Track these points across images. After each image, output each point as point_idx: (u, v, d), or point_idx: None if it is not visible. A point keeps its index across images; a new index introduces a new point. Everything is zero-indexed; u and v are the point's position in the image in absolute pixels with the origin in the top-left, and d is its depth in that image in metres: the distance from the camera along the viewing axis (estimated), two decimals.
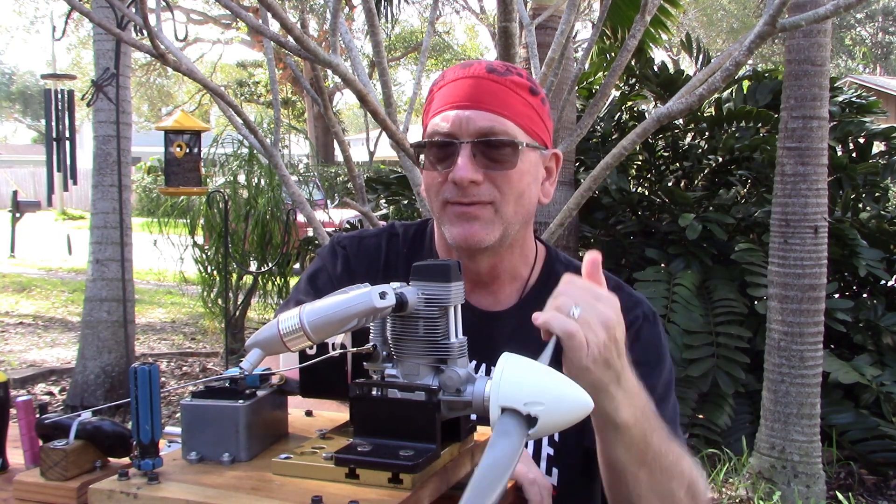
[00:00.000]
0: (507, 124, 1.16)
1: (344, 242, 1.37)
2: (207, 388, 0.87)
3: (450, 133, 1.16)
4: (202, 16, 21.74)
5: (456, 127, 1.16)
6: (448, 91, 1.19)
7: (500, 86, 1.17)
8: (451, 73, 1.21)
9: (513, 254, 1.26)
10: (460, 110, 1.16)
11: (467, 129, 1.15)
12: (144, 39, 2.77)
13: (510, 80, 1.18)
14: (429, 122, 1.21)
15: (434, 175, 1.19)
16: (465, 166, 1.14)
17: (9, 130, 54.34)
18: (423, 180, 1.25)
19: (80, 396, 5.17)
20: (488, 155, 1.16)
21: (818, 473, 3.81)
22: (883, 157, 5.56)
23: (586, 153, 5.53)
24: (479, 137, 1.15)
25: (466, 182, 1.15)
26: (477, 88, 1.17)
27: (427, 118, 1.23)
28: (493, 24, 19.46)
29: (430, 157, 1.20)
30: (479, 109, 1.16)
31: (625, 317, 1.23)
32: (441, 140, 1.17)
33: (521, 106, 1.18)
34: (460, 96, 1.17)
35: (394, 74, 28.20)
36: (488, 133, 1.15)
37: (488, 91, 1.16)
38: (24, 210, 14.82)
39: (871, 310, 4.75)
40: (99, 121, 5.22)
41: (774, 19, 1.92)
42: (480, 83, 1.17)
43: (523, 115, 1.18)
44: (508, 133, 1.16)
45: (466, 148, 1.15)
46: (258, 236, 6.37)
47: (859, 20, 30.51)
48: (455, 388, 0.83)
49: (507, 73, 1.19)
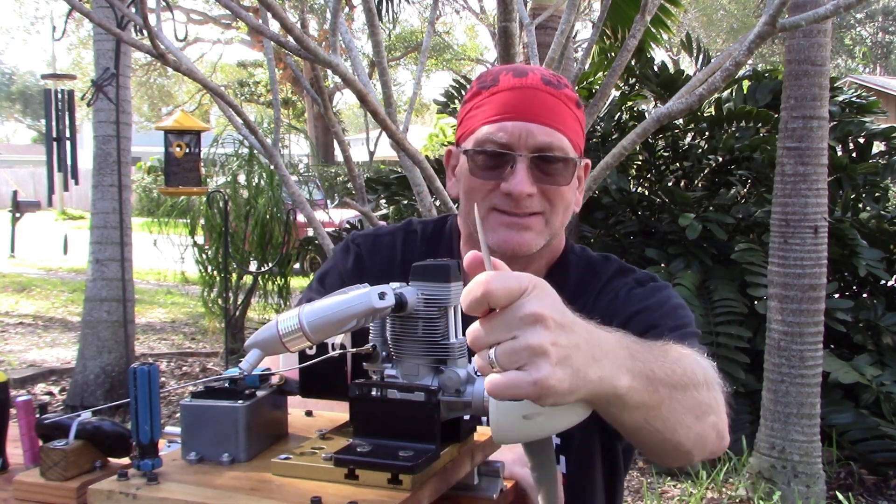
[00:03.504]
0: (562, 140, 1.17)
1: (358, 240, 1.37)
2: (207, 389, 0.87)
3: (507, 144, 1.16)
4: (202, 16, 21.75)
5: (514, 139, 1.16)
6: (504, 99, 1.18)
7: (556, 100, 1.18)
8: (505, 80, 1.20)
9: (543, 258, 1.28)
10: (518, 122, 1.16)
11: (526, 143, 1.16)
12: (144, 39, 2.77)
13: (564, 93, 1.19)
14: (478, 127, 1.20)
15: (482, 182, 1.19)
16: (523, 181, 1.15)
17: (9, 130, 54.39)
18: (460, 182, 1.25)
19: (80, 396, 5.17)
20: (544, 169, 1.17)
21: (818, 473, 3.81)
22: (883, 157, 5.57)
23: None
24: (538, 152, 1.16)
25: (524, 196, 1.16)
26: (535, 100, 1.17)
27: (473, 120, 1.21)
28: (493, 24, 19.45)
29: (479, 163, 1.19)
30: (537, 123, 1.16)
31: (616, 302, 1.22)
32: (498, 150, 1.17)
33: (571, 120, 1.20)
34: (518, 107, 1.17)
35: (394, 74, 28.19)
36: (546, 149, 1.16)
37: (546, 105, 1.17)
38: (24, 210, 14.82)
39: (871, 310, 4.75)
40: (99, 121, 5.22)
41: (774, 19, 1.92)
42: (538, 95, 1.17)
43: (573, 130, 1.20)
44: (564, 149, 1.17)
45: (524, 161, 1.16)
46: (258, 236, 6.37)
47: (859, 20, 30.51)
48: (455, 389, 0.83)
49: (560, 85, 1.19)
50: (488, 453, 0.94)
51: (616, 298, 1.24)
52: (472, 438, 0.91)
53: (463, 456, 0.88)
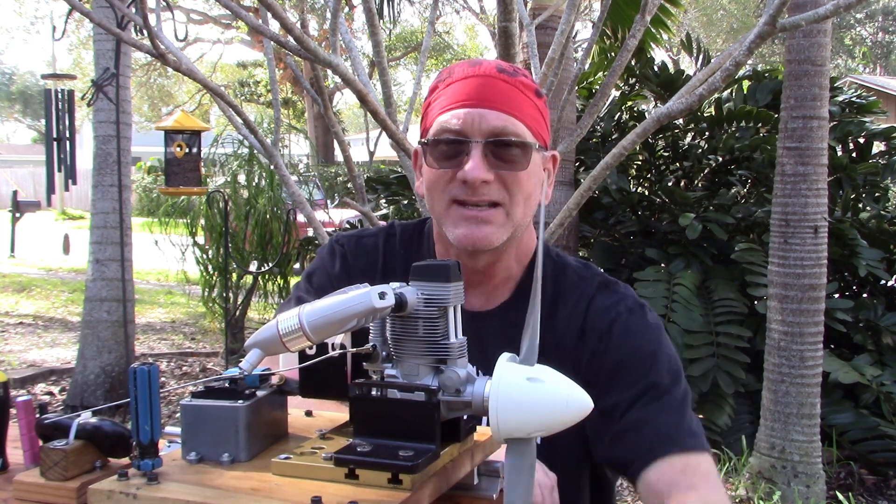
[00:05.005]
0: (518, 125, 1.15)
1: (342, 241, 1.37)
2: (207, 389, 0.87)
3: (461, 131, 1.15)
4: (202, 16, 21.74)
5: (468, 125, 1.15)
6: (457, 88, 1.17)
7: (511, 86, 1.16)
8: (460, 70, 1.20)
9: (510, 254, 1.26)
10: (472, 108, 1.15)
11: (479, 128, 1.14)
12: (144, 39, 2.77)
13: (519, 80, 1.18)
14: (435, 119, 1.19)
15: (440, 173, 1.18)
16: (477, 166, 1.13)
17: (9, 130, 54.39)
18: (424, 177, 1.23)
19: (80, 396, 5.17)
20: (500, 155, 1.15)
21: (818, 473, 3.81)
22: (883, 157, 5.56)
23: (586, 153, 5.53)
24: (492, 137, 1.15)
25: (479, 182, 1.14)
26: (488, 87, 1.15)
27: (431, 114, 1.21)
28: (493, 24, 19.45)
29: (436, 155, 1.18)
30: (491, 108, 1.15)
31: (597, 320, 1.22)
32: (452, 138, 1.16)
33: (528, 107, 1.18)
34: (471, 94, 1.16)
35: (394, 74, 28.21)
36: (501, 133, 1.15)
37: (500, 91, 1.16)
38: (24, 210, 14.82)
39: (871, 310, 4.75)
40: (99, 121, 5.22)
41: (774, 19, 1.92)
42: (491, 82, 1.16)
43: (531, 117, 1.18)
44: (519, 134, 1.15)
45: (478, 147, 1.14)
46: (258, 236, 6.37)
47: (859, 20, 30.51)
48: (455, 389, 0.83)
49: (516, 73, 1.18)
50: (488, 453, 0.94)
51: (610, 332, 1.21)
52: (472, 438, 0.91)
53: (463, 456, 0.88)
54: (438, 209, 1.21)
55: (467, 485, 0.91)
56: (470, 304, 1.26)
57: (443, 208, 1.19)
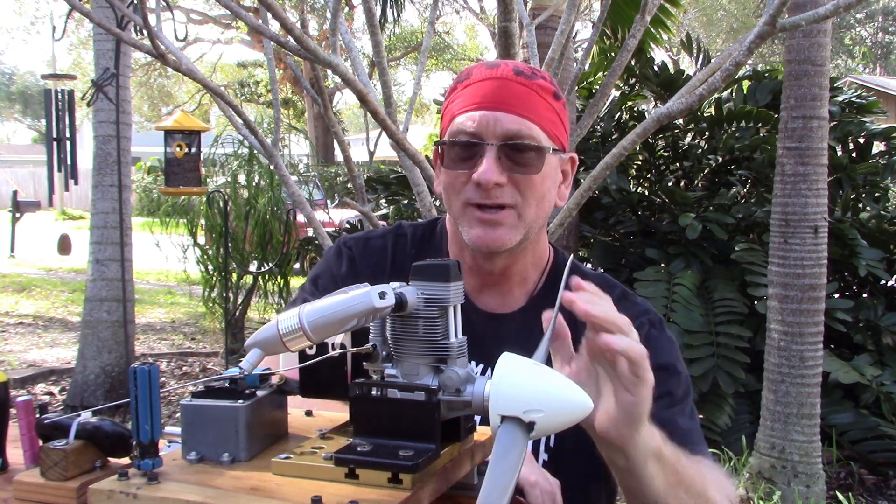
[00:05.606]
0: (533, 128, 1.16)
1: (350, 243, 1.37)
2: (207, 388, 0.87)
3: (476, 133, 1.15)
4: (202, 16, 21.74)
5: (483, 127, 1.15)
6: (474, 90, 1.18)
7: (527, 89, 1.17)
8: (478, 72, 1.20)
9: (526, 256, 1.27)
10: (487, 111, 1.15)
11: (494, 131, 1.15)
12: (144, 39, 2.77)
13: (536, 83, 1.18)
14: (452, 120, 1.19)
15: (455, 174, 1.19)
16: (490, 168, 1.14)
17: (9, 130, 54.38)
18: (441, 178, 1.24)
19: (80, 396, 5.17)
20: (513, 158, 1.15)
21: (818, 473, 3.81)
22: (883, 157, 5.57)
23: (586, 153, 5.53)
24: (506, 140, 1.15)
25: (491, 184, 1.14)
26: (504, 90, 1.16)
27: (449, 115, 1.21)
28: (493, 24, 19.45)
29: (451, 156, 1.19)
30: (506, 111, 1.15)
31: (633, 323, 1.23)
32: (467, 140, 1.16)
33: (545, 110, 1.18)
34: (487, 97, 1.16)
35: (394, 74, 28.19)
36: (515, 136, 1.15)
37: (516, 94, 1.16)
38: (24, 210, 14.82)
39: (871, 310, 4.75)
40: (99, 121, 5.23)
41: (774, 19, 1.92)
42: (508, 85, 1.16)
43: (547, 120, 1.18)
44: (534, 137, 1.16)
45: (492, 150, 1.15)
46: (258, 236, 6.37)
47: (859, 20, 30.52)
48: (455, 388, 0.83)
49: (534, 76, 1.18)
50: (488, 453, 0.94)
51: None
52: (472, 438, 0.91)
53: (463, 456, 0.88)
54: (455, 210, 1.22)
55: (467, 485, 0.91)
56: (486, 305, 1.28)
57: (459, 209, 1.20)
